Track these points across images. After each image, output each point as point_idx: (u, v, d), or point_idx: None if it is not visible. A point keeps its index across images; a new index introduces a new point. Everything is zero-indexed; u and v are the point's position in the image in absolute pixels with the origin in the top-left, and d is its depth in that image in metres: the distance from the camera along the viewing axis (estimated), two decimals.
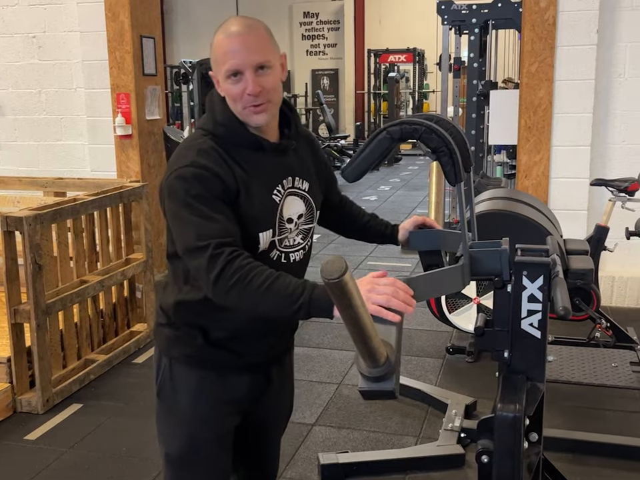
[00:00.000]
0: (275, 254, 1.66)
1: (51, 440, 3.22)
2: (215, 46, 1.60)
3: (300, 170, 1.71)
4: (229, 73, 1.57)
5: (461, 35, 6.52)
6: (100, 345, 4.01)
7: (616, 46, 4.66)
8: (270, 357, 1.79)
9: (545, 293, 1.59)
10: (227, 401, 1.75)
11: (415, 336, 4.38)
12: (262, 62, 1.57)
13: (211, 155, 1.56)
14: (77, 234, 3.78)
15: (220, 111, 1.63)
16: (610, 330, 3.83)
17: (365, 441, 3.14)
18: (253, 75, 1.56)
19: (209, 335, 1.69)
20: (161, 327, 1.78)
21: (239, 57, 1.55)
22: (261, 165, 1.62)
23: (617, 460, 2.93)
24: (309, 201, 1.73)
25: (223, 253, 1.47)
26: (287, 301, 1.43)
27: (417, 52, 16.10)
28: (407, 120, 1.55)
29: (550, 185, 4.83)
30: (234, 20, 1.61)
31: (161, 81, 5.74)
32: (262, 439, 1.94)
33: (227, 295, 1.48)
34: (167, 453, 1.80)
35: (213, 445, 1.76)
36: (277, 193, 1.64)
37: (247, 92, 1.56)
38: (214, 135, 1.61)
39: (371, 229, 1.99)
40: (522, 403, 1.55)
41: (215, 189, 1.53)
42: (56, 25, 5.51)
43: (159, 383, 1.78)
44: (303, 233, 1.73)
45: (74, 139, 5.66)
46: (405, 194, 10.06)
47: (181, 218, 1.53)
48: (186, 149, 1.60)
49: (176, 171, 1.56)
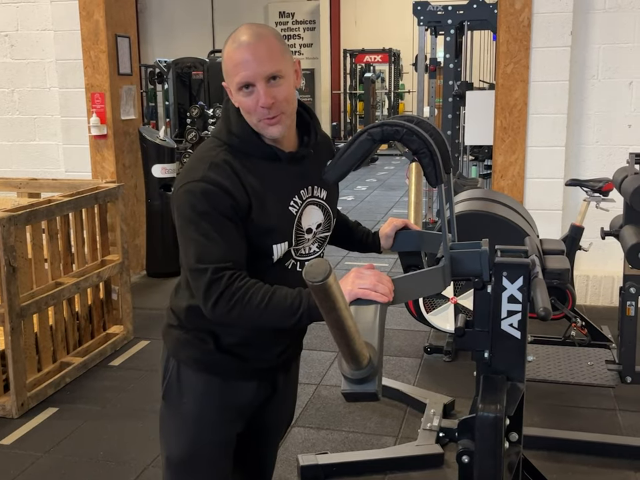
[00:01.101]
0: (290, 263, 1.65)
1: (26, 445, 3.17)
2: (225, 57, 1.56)
3: (319, 178, 1.67)
4: (240, 85, 1.54)
5: (437, 36, 6.56)
6: (76, 347, 3.96)
7: (589, 47, 4.72)
8: (278, 363, 1.78)
9: (524, 294, 1.60)
10: (232, 407, 1.74)
11: (393, 336, 4.39)
12: (273, 72, 1.53)
13: (223, 168, 1.54)
14: (51, 235, 3.73)
15: (235, 121, 1.60)
16: (585, 329, 3.87)
17: (344, 442, 3.14)
18: (264, 87, 1.53)
19: (220, 340, 1.68)
20: (171, 328, 1.76)
21: (249, 69, 1.51)
22: (276, 176, 1.60)
23: (592, 457, 2.96)
24: (327, 210, 1.72)
25: (223, 278, 1.48)
26: (288, 312, 1.46)
27: (392, 52, 16.17)
28: (388, 121, 1.55)
29: (525, 185, 4.88)
30: (243, 29, 1.56)
31: (136, 80, 5.69)
32: (261, 445, 1.93)
33: (227, 316, 1.50)
34: (168, 456, 1.78)
35: (215, 451, 1.75)
36: (293, 205, 1.62)
37: (259, 104, 1.53)
38: (228, 146, 1.58)
39: (354, 236, 1.98)
40: (503, 403, 1.55)
41: (223, 206, 1.51)
42: (29, 24, 5.43)
43: (166, 385, 1.76)
44: (319, 241, 1.72)
45: (48, 139, 5.59)
46: (382, 194, 10.09)
47: (185, 234, 1.54)
48: (199, 161, 1.57)
49: (186, 184, 1.54)
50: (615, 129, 4.78)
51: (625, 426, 3.24)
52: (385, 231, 1.90)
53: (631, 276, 3.29)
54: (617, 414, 3.35)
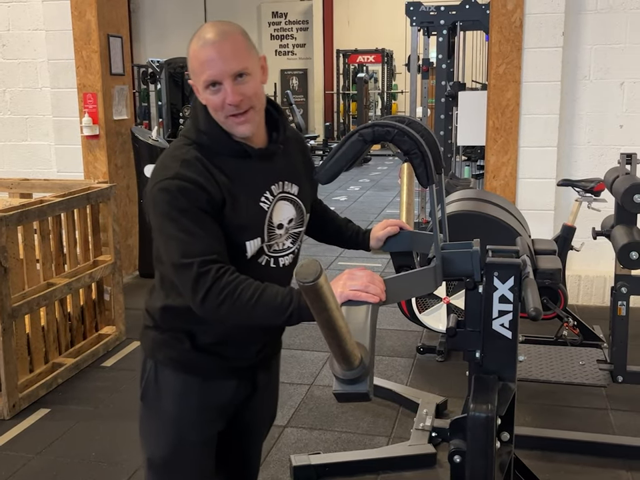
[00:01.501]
0: (263, 259, 1.65)
1: (17, 446, 3.16)
2: (191, 56, 1.55)
3: (289, 173, 1.69)
4: (207, 84, 1.54)
5: (430, 36, 6.57)
6: (68, 348, 3.95)
7: (581, 48, 4.74)
8: (257, 361, 1.77)
9: (515, 294, 1.61)
10: (212, 406, 1.73)
11: (386, 336, 4.39)
12: (240, 70, 1.53)
13: (195, 165, 1.54)
14: (43, 236, 3.72)
15: (203, 120, 1.60)
16: (577, 328, 3.89)
17: (337, 442, 3.14)
18: (231, 84, 1.53)
19: (196, 340, 1.68)
20: (147, 329, 1.75)
21: (215, 67, 1.52)
22: (246, 172, 1.60)
23: (584, 456, 2.97)
24: (299, 205, 1.71)
25: (210, 271, 1.47)
26: (278, 310, 1.45)
27: (385, 52, 16.19)
28: (380, 122, 1.55)
29: (517, 186, 4.89)
30: (208, 27, 1.56)
31: (129, 80, 5.68)
32: (244, 444, 1.93)
33: (216, 312, 1.49)
34: (149, 457, 1.78)
35: (196, 450, 1.75)
36: (264, 200, 1.62)
37: (227, 102, 1.54)
38: (197, 144, 1.59)
39: (344, 234, 1.97)
40: (494, 403, 1.56)
41: (200, 201, 1.51)
42: (20, 24, 5.42)
43: (144, 386, 1.76)
44: (292, 236, 1.71)
45: (39, 139, 5.57)
46: (375, 194, 10.10)
47: (166, 232, 1.52)
48: (170, 159, 1.58)
49: (160, 182, 1.53)
50: (606, 129, 4.80)
51: (617, 425, 3.25)
52: (376, 234, 1.91)
53: (622, 276, 3.31)
54: (608, 413, 3.36)
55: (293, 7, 16.81)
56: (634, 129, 4.76)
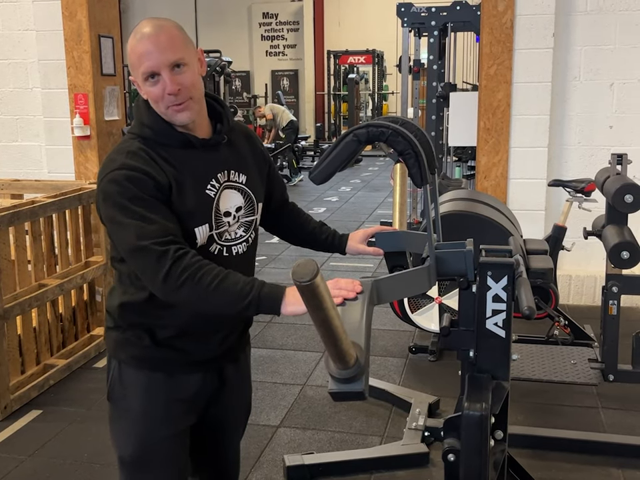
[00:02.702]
0: (215, 248, 1.67)
1: (9, 447, 3.15)
2: (129, 51, 1.61)
3: (236, 163, 1.73)
4: (146, 75, 1.59)
5: (421, 37, 6.59)
6: (59, 349, 3.94)
7: (571, 49, 4.77)
8: (220, 353, 1.78)
9: (509, 293, 1.62)
10: (178, 400, 1.74)
11: (378, 336, 4.40)
12: (176, 60, 1.58)
13: (139, 155, 1.59)
14: (35, 237, 3.71)
15: (145, 114, 1.65)
16: (568, 328, 3.91)
17: (330, 442, 3.15)
18: (169, 75, 1.58)
19: (156, 335, 1.70)
20: (109, 330, 1.78)
21: (153, 58, 1.57)
22: (191, 161, 1.64)
23: (576, 454, 2.99)
24: (248, 194, 1.74)
25: (169, 251, 1.49)
26: (237, 297, 1.46)
27: (376, 53, 16.21)
28: (374, 123, 1.56)
29: (509, 186, 4.92)
30: (145, 22, 1.63)
31: (120, 81, 5.67)
32: (219, 441, 1.93)
33: (176, 293, 1.50)
34: (121, 456, 1.79)
35: (166, 446, 1.76)
36: (210, 188, 1.66)
37: (166, 92, 1.58)
38: (142, 138, 1.63)
39: (317, 236, 1.98)
40: (488, 402, 1.57)
41: (148, 187, 1.55)
42: (10, 24, 5.39)
43: (109, 386, 1.78)
44: (244, 225, 1.74)
45: (30, 139, 5.55)
46: (366, 195, 10.11)
47: (119, 222, 1.55)
48: (115, 153, 1.63)
49: (107, 175, 1.58)
50: (596, 130, 4.83)
51: (608, 423, 3.27)
52: (356, 236, 1.92)
53: (613, 275, 3.33)
54: (599, 412, 3.39)
55: (284, 7, 16.82)
56: (624, 130, 4.80)
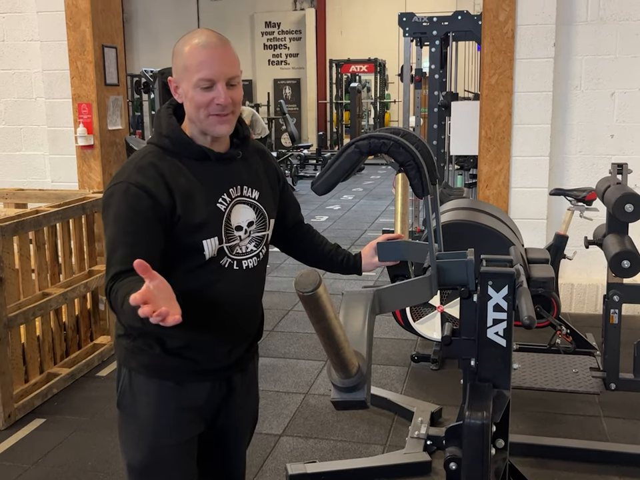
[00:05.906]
0: (226, 261, 1.69)
1: (13, 456, 3.16)
2: (188, 53, 1.62)
3: (249, 179, 1.75)
4: (203, 82, 1.61)
5: (422, 47, 6.62)
6: (63, 358, 3.95)
7: (572, 59, 4.79)
8: (229, 363, 1.80)
9: (509, 303, 1.63)
10: (187, 409, 1.76)
11: (380, 344, 4.41)
12: (234, 75, 1.63)
13: (147, 171, 1.61)
14: (39, 246, 3.73)
15: (165, 125, 1.68)
16: (570, 336, 3.91)
17: (333, 451, 3.15)
18: (225, 87, 1.61)
19: (166, 344, 1.71)
20: (119, 338, 1.80)
21: (215, 68, 1.60)
22: (205, 174, 1.67)
23: (578, 463, 2.99)
24: (260, 209, 1.76)
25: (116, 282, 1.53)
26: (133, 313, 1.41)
27: (378, 62, 16.25)
28: (375, 134, 1.58)
29: (510, 195, 4.93)
30: (208, 32, 1.65)
31: (123, 90, 5.70)
32: (226, 449, 1.94)
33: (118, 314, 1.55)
34: (129, 463, 1.80)
35: (175, 454, 1.77)
36: (222, 202, 1.68)
37: (216, 101, 1.61)
38: (159, 147, 1.66)
39: (334, 258, 1.99)
40: (489, 411, 1.58)
41: (141, 205, 1.58)
42: (15, 34, 5.43)
43: (119, 393, 1.80)
44: (255, 240, 1.76)
45: (34, 149, 5.58)
46: (368, 203, 10.13)
47: (106, 234, 1.62)
48: (127, 164, 1.67)
49: (112, 186, 1.62)
50: (597, 139, 4.84)
51: (610, 432, 3.27)
52: (366, 252, 1.94)
53: (614, 284, 3.34)
54: (601, 420, 3.39)
55: (286, 16, 16.90)
56: (624, 139, 4.82)
